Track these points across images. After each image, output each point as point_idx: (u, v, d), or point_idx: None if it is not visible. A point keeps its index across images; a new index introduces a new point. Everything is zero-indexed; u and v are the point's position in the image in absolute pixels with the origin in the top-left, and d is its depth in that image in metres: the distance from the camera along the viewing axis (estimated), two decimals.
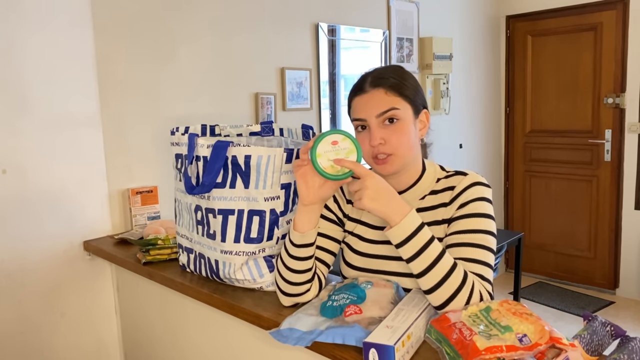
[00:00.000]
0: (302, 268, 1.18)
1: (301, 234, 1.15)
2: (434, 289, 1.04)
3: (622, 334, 0.99)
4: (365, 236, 1.26)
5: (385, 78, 1.16)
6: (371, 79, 1.17)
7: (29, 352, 1.86)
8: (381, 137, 1.14)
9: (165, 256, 1.66)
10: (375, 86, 1.16)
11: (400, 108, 1.15)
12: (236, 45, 2.42)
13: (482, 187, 1.17)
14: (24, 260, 1.82)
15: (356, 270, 1.26)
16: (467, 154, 3.94)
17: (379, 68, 1.22)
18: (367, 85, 1.17)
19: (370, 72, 1.20)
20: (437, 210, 1.19)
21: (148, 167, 2.13)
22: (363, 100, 1.17)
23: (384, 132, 1.14)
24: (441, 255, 1.05)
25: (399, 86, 1.15)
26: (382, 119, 1.14)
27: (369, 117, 1.15)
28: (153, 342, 1.84)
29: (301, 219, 1.15)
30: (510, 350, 0.85)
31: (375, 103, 1.15)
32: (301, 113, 2.74)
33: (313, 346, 1.06)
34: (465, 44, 3.83)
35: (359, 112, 1.17)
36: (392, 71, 1.19)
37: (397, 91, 1.15)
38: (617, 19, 3.68)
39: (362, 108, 1.17)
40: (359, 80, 1.20)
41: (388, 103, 1.14)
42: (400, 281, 1.19)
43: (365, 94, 1.17)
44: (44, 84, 1.82)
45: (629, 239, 3.81)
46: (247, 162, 1.29)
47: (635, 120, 3.67)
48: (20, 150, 1.78)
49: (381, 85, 1.15)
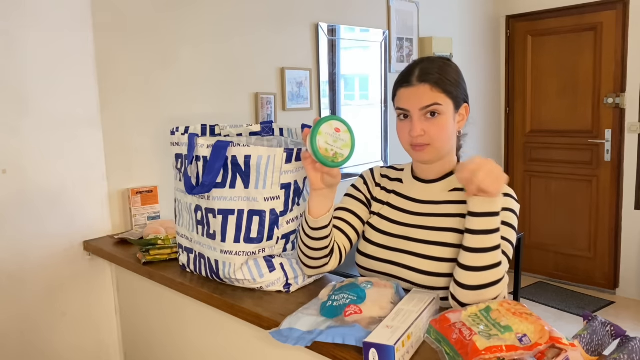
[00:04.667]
0: (319, 246, 1.26)
1: (315, 218, 1.22)
2: (481, 269, 1.08)
3: (622, 334, 0.99)
4: (389, 217, 1.33)
5: (432, 74, 1.21)
6: (418, 73, 1.22)
7: (29, 352, 1.86)
8: (422, 128, 1.20)
9: (165, 256, 1.66)
10: (422, 81, 1.21)
11: (442, 104, 1.21)
12: (236, 45, 2.42)
13: (512, 200, 1.23)
14: (24, 260, 1.82)
15: (375, 247, 1.31)
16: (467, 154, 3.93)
17: (427, 61, 1.26)
18: (414, 79, 1.21)
19: (418, 64, 1.24)
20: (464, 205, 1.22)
21: (148, 167, 2.13)
22: (409, 92, 1.22)
23: (425, 124, 1.21)
24: (499, 246, 1.10)
25: (444, 83, 1.21)
26: (424, 112, 1.20)
27: (412, 109, 1.21)
28: (153, 342, 1.84)
29: (314, 203, 1.22)
30: (510, 350, 0.85)
31: (420, 97, 1.20)
32: (301, 113, 2.74)
33: (313, 346, 1.06)
34: (465, 44, 3.83)
35: (404, 103, 1.23)
36: (439, 67, 1.23)
37: (441, 87, 1.21)
38: (617, 19, 3.68)
39: (407, 100, 1.22)
40: (406, 71, 1.25)
41: (432, 98, 1.20)
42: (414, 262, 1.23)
43: (412, 86, 1.22)
44: (44, 83, 1.82)
45: (629, 239, 3.81)
46: (247, 162, 1.29)
47: (635, 120, 3.67)
48: (21, 150, 1.78)
49: (427, 81, 1.20)
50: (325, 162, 1.12)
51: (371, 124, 3.18)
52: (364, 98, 3.15)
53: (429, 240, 1.24)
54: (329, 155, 1.11)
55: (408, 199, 1.33)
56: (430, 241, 1.23)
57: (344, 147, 1.13)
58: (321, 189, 1.20)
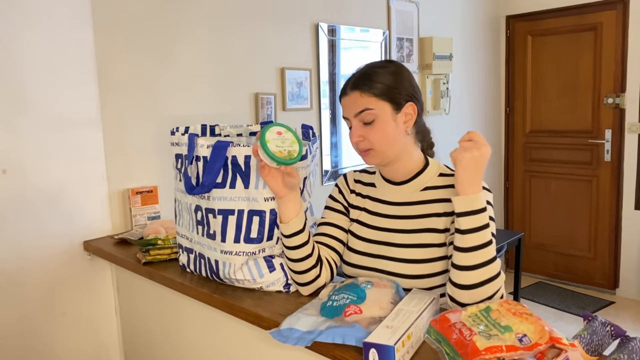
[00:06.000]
0: (302, 255, 1.26)
1: (286, 224, 1.25)
2: (475, 267, 1.07)
3: (622, 334, 0.99)
4: (368, 222, 1.33)
5: (361, 80, 1.24)
6: (352, 80, 1.26)
7: (29, 352, 1.86)
8: (359, 134, 1.24)
9: (165, 256, 1.66)
10: (353, 89, 1.25)
11: (374, 107, 1.22)
12: (236, 45, 2.42)
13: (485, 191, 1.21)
14: (24, 260, 1.82)
15: (358, 255, 1.31)
16: None
17: (362, 68, 1.28)
18: (348, 87, 1.26)
19: (354, 74, 1.28)
20: (438, 203, 1.25)
21: (148, 167, 2.13)
22: (345, 101, 1.27)
23: (363, 130, 1.23)
24: (491, 242, 1.09)
25: (373, 87, 1.22)
26: (359, 118, 1.24)
27: (350, 117, 1.26)
28: (153, 342, 1.84)
29: (282, 211, 1.26)
30: (510, 350, 0.85)
31: (352, 104, 1.24)
32: (301, 113, 2.74)
33: (313, 346, 1.06)
34: (465, 44, 3.83)
35: (344, 111, 1.28)
36: (372, 72, 1.25)
37: (370, 92, 1.22)
38: (617, 19, 3.68)
39: (345, 108, 1.27)
40: (346, 81, 1.29)
41: (362, 104, 1.22)
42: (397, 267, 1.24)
43: (346, 95, 1.26)
44: (44, 83, 1.82)
45: (629, 239, 3.81)
46: (247, 162, 1.29)
47: (635, 120, 3.67)
48: (20, 150, 1.78)
49: (357, 87, 1.24)
50: (285, 161, 1.18)
51: None
52: None
53: (408, 243, 1.24)
54: (284, 155, 1.18)
55: (383, 202, 1.33)
56: (409, 244, 1.24)
57: (293, 144, 1.21)
58: (285, 195, 1.24)
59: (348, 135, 1.28)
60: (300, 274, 1.28)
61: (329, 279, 1.32)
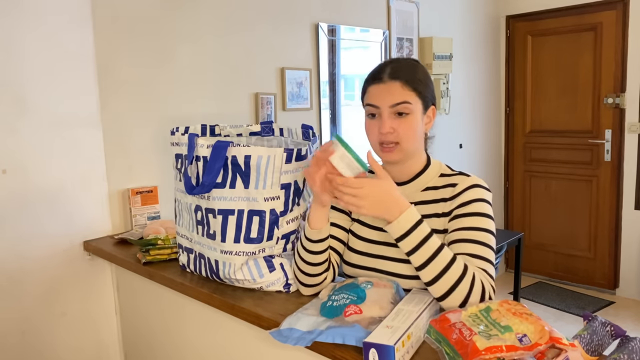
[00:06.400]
0: (319, 261, 1.26)
1: (318, 230, 1.23)
2: (434, 280, 1.09)
3: (622, 334, 0.99)
4: (368, 222, 1.32)
5: (404, 72, 1.21)
6: (390, 70, 1.22)
7: (29, 352, 1.86)
8: (391, 126, 1.20)
9: (165, 256, 1.66)
10: (393, 78, 1.20)
11: (412, 102, 1.20)
12: (236, 45, 2.42)
13: (482, 189, 1.23)
14: (24, 260, 1.82)
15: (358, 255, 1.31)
16: (467, 154, 3.94)
17: (398, 60, 1.27)
18: (386, 76, 1.21)
19: (389, 63, 1.25)
20: (438, 204, 1.25)
21: (148, 167, 2.13)
22: (379, 89, 1.22)
23: (394, 122, 1.20)
24: (440, 248, 1.09)
25: (415, 81, 1.21)
26: (394, 110, 1.20)
27: (382, 106, 1.20)
28: (153, 342, 1.84)
29: (318, 217, 1.23)
30: (510, 350, 0.85)
31: (390, 94, 1.20)
32: (301, 113, 2.74)
33: (313, 346, 1.06)
34: (465, 44, 3.83)
35: (374, 99, 1.22)
36: (410, 66, 1.24)
37: (411, 86, 1.20)
38: (617, 19, 3.68)
39: (378, 96, 1.21)
40: (378, 69, 1.25)
41: (402, 96, 1.19)
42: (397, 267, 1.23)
43: (383, 83, 1.21)
44: (44, 83, 1.82)
45: (629, 239, 3.81)
46: (247, 162, 1.29)
47: (635, 120, 3.67)
48: (20, 150, 1.78)
49: (399, 78, 1.20)
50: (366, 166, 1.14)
51: None
52: None
53: None
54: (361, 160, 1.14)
55: None
56: None
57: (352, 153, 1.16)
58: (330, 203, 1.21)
59: (366, 124, 1.25)
60: (310, 276, 1.28)
61: (330, 281, 1.32)
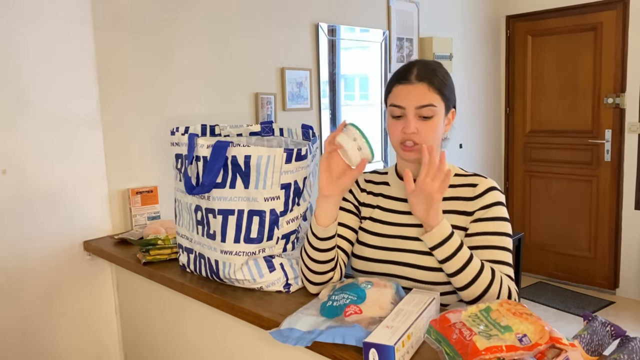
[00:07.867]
0: (326, 258, 1.26)
1: (324, 227, 1.23)
2: (467, 286, 1.15)
3: (622, 334, 0.99)
4: (382, 219, 1.34)
5: (430, 74, 1.22)
6: (417, 72, 1.23)
7: (29, 352, 1.86)
8: (415, 126, 1.21)
9: (165, 256, 1.66)
10: (421, 80, 1.22)
11: (437, 105, 1.22)
12: (236, 45, 2.42)
13: (499, 192, 1.27)
14: (24, 260, 1.82)
15: (372, 249, 1.32)
16: (467, 154, 3.94)
17: (425, 62, 1.28)
18: (413, 77, 1.22)
19: (416, 64, 1.25)
20: (457, 201, 1.27)
21: (148, 167, 2.13)
22: (407, 89, 1.23)
23: (419, 124, 1.22)
24: (471, 258, 1.15)
25: (441, 85, 1.23)
26: (419, 112, 1.21)
27: (408, 107, 1.22)
28: (153, 342, 1.84)
29: (322, 211, 1.23)
30: (510, 350, 0.85)
31: (417, 95, 1.21)
32: (301, 113, 2.74)
33: (313, 346, 1.06)
34: (465, 44, 3.83)
35: (400, 100, 1.23)
36: (436, 68, 1.25)
37: (438, 89, 1.22)
38: (617, 19, 3.68)
39: (404, 97, 1.22)
40: (405, 69, 1.26)
41: (429, 98, 1.21)
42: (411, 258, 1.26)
43: (410, 84, 1.22)
44: (44, 83, 1.82)
45: (629, 239, 3.81)
46: (247, 162, 1.29)
47: (635, 120, 3.67)
48: (20, 150, 1.78)
49: (425, 80, 1.22)
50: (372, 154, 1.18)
51: (371, 124, 3.18)
52: (364, 98, 3.15)
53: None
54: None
55: (397, 200, 1.34)
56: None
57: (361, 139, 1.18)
58: (333, 195, 1.21)
59: (389, 124, 1.26)
60: (317, 274, 1.28)
61: (337, 279, 1.32)
